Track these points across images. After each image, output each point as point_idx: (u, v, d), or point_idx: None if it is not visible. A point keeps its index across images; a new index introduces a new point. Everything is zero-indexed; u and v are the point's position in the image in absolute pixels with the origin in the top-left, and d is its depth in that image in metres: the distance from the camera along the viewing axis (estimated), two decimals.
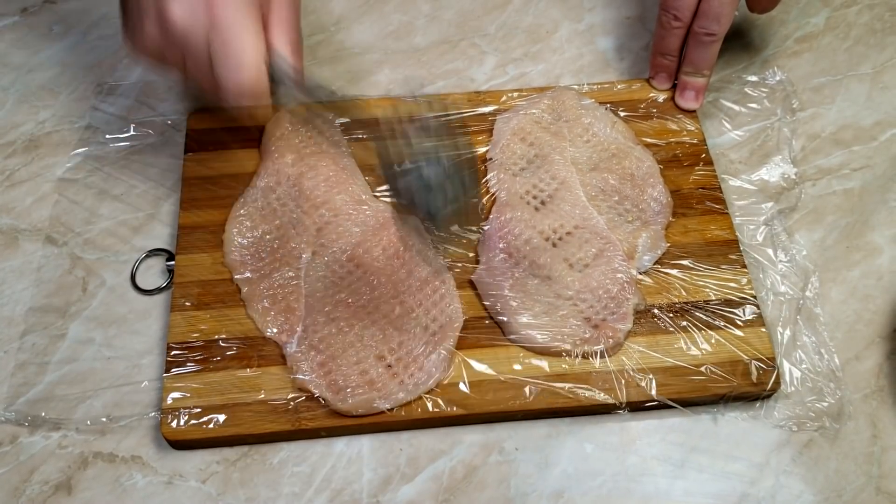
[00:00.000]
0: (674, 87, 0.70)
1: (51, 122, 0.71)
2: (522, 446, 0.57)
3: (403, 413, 0.56)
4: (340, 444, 0.57)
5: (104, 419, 0.57)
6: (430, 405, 0.56)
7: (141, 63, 0.56)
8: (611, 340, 0.58)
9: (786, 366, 0.59)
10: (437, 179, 0.51)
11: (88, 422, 0.57)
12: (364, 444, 0.57)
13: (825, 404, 0.58)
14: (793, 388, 0.59)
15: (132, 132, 0.70)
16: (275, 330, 0.59)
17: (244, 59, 0.52)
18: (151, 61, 0.57)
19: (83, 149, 0.69)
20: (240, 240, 0.62)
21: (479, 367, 0.58)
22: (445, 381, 0.57)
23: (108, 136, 0.69)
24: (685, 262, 0.62)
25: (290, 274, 0.60)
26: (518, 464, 0.57)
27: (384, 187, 0.64)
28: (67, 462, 0.56)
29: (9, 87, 0.73)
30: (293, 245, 0.62)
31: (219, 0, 0.52)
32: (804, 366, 0.59)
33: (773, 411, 0.58)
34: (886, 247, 0.65)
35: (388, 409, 0.56)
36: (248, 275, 0.61)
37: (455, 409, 0.56)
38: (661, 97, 0.70)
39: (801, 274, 0.63)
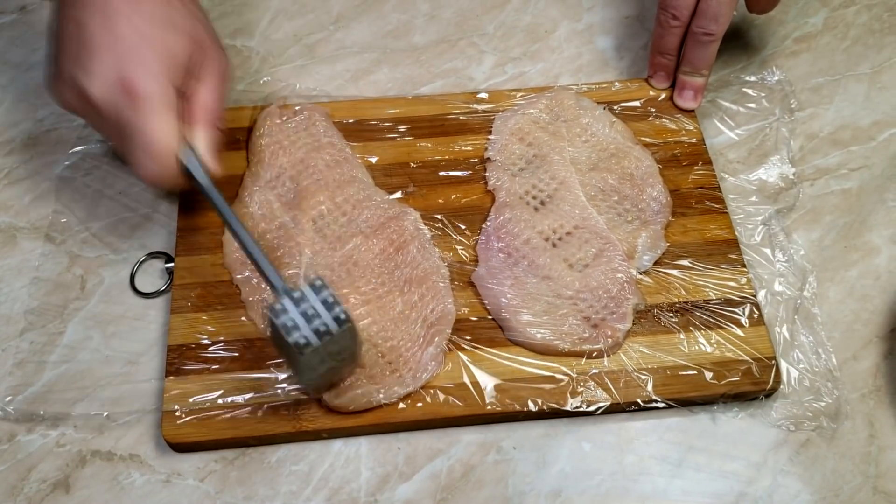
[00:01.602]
0: (672, 87, 0.71)
1: (49, 120, 0.71)
2: (520, 445, 0.57)
3: (404, 407, 0.56)
4: (338, 443, 0.57)
5: (102, 413, 0.57)
6: (428, 405, 0.56)
7: None
8: (610, 340, 0.58)
9: (783, 365, 0.59)
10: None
11: (88, 416, 0.57)
12: (362, 444, 0.57)
13: (823, 404, 0.58)
14: (790, 388, 0.59)
15: None
16: None
17: (156, 156, 0.53)
18: (74, 114, 0.58)
19: (82, 147, 0.69)
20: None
21: (479, 366, 0.58)
22: (445, 381, 0.57)
23: None
24: (685, 262, 0.62)
25: (290, 272, 0.60)
26: (516, 463, 0.57)
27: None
28: (65, 460, 0.56)
29: (7, 85, 0.73)
30: (292, 244, 0.61)
31: (139, 87, 0.52)
32: (802, 365, 0.60)
33: (771, 411, 0.58)
34: (884, 247, 0.65)
35: (387, 404, 0.56)
36: (248, 275, 0.61)
37: (455, 408, 0.56)
38: (660, 96, 0.70)
39: (799, 274, 0.63)
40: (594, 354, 0.58)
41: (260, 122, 0.67)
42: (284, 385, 0.57)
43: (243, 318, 0.59)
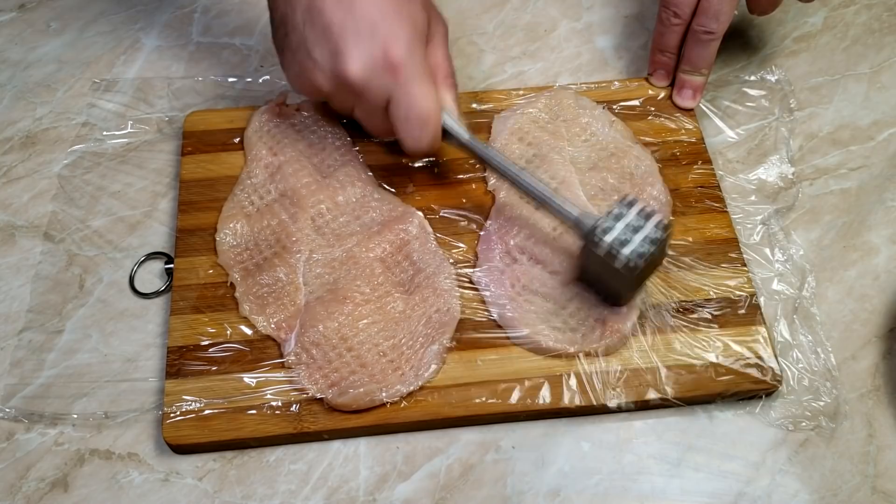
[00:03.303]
0: (672, 85, 0.70)
1: (48, 119, 0.71)
2: (519, 445, 0.57)
3: (405, 406, 0.56)
4: (337, 443, 0.57)
5: (100, 412, 0.57)
6: (430, 404, 0.56)
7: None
8: (616, 336, 0.58)
9: (782, 365, 0.59)
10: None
11: (87, 415, 0.57)
12: (361, 443, 0.57)
13: (821, 403, 0.58)
14: (789, 388, 0.59)
15: (129, 129, 0.70)
16: (272, 327, 0.58)
17: (426, 121, 0.56)
18: (316, 98, 0.61)
19: (80, 145, 0.69)
20: (232, 238, 0.62)
21: (481, 366, 0.58)
22: (447, 382, 0.57)
23: (105, 133, 0.69)
24: (685, 261, 0.62)
25: (288, 271, 0.60)
26: (515, 462, 0.57)
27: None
28: (64, 459, 0.56)
29: (6, 84, 0.73)
30: (290, 242, 0.61)
31: (399, 59, 0.54)
32: (801, 365, 0.60)
33: (770, 410, 0.58)
34: (883, 246, 0.65)
35: (388, 403, 0.56)
36: (244, 273, 0.61)
37: (457, 408, 0.56)
38: (660, 95, 0.70)
39: (798, 273, 0.63)
40: (595, 353, 0.58)
41: (257, 118, 0.67)
42: (285, 386, 0.57)
43: (243, 319, 0.59)
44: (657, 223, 0.52)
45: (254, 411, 0.56)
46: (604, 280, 0.56)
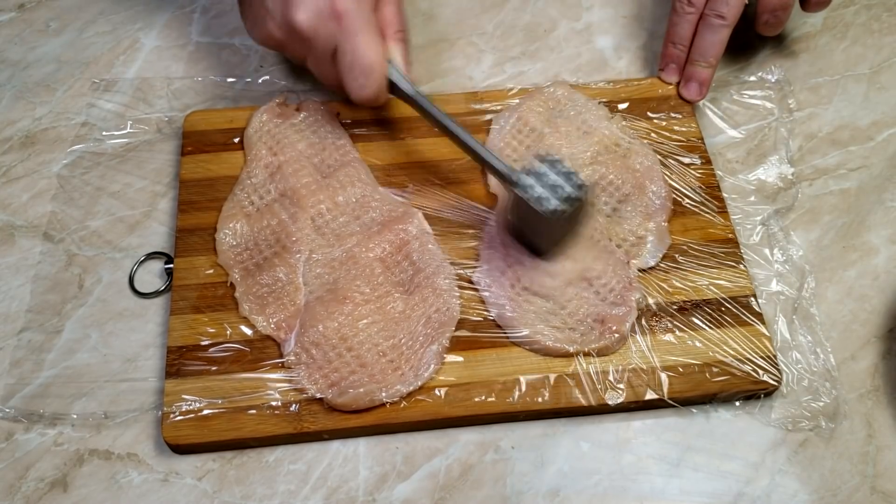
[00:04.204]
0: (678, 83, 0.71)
1: (47, 119, 0.71)
2: (518, 445, 0.57)
3: (405, 407, 0.56)
4: (337, 443, 0.57)
5: (100, 412, 0.57)
6: (430, 404, 0.56)
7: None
8: (616, 335, 0.58)
9: (782, 365, 0.59)
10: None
11: (86, 415, 0.57)
12: (360, 443, 0.57)
13: (821, 404, 0.58)
14: (789, 388, 0.59)
15: (129, 129, 0.69)
16: (272, 327, 0.58)
17: (369, 71, 0.58)
18: (272, 49, 0.63)
19: (80, 145, 0.69)
20: (232, 238, 0.62)
21: (481, 366, 0.58)
22: (447, 382, 0.57)
23: (104, 133, 0.69)
24: (685, 261, 0.62)
25: (288, 270, 0.60)
26: (514, 462, 0.57)
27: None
28: (63, 459, 0.56)
29: (5, 83, 0.73)
30: (290, 242, 0.61)
31: (344, 9, 0.57)
32: (800, 365, 0.60)
33: (769, 410, 0.58)
34: (882, 247, 0.65)
35: (388, 403, 0.56)
36: (244, 273, 0.61)
37: (457, 408, 0.56)
38: (658, 93, 0.70)
39: (798, 274, 0.63)
40: (595, 353, 0.58)
41: (257, 117, 0.67)
42: (284, 386, 0.57)
43: (243, 319, 0.59)
44: (575, 182, 0.55)
45: (253, 411, 0.56)
46: (531, 228, 0.59)
